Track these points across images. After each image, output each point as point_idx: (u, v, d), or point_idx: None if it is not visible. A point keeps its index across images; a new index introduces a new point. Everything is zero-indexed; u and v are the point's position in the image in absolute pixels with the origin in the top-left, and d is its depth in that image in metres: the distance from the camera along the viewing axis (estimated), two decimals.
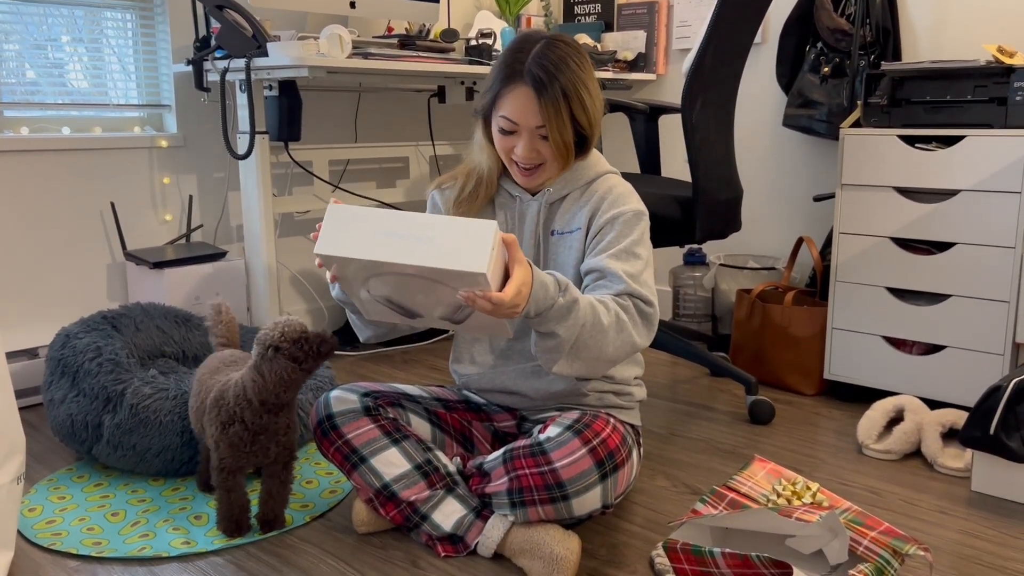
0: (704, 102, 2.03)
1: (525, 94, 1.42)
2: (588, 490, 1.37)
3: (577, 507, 1.38)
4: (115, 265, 2.47)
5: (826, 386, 2.34)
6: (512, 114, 1.44)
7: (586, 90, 1.44)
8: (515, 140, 1.46)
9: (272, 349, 1.41)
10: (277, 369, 1.41)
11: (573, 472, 1.36)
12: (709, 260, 2.93)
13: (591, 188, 1.53)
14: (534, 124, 1.43)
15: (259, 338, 1.43)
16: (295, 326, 1.42)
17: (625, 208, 1.48)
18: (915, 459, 1.91)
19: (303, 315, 2.85)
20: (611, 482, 1.39)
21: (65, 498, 1.69)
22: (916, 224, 2.09)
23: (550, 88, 1.41)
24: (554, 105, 1.41)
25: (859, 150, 2.15)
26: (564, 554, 1.36)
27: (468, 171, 1.59)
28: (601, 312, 1.33)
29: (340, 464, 1.51)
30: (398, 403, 1.58)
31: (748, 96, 2.88)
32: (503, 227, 1.58)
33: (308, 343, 1.41)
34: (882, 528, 1.28)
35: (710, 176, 2.06)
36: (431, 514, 1.48)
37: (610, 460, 1.38)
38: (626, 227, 1.47)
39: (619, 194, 1.51)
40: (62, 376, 1.84)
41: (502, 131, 1.47)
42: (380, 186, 3.03)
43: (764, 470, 1.46)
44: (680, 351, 2.27)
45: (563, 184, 1.54)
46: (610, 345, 1.35)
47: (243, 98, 2.29)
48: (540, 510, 1.39)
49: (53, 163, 2.32)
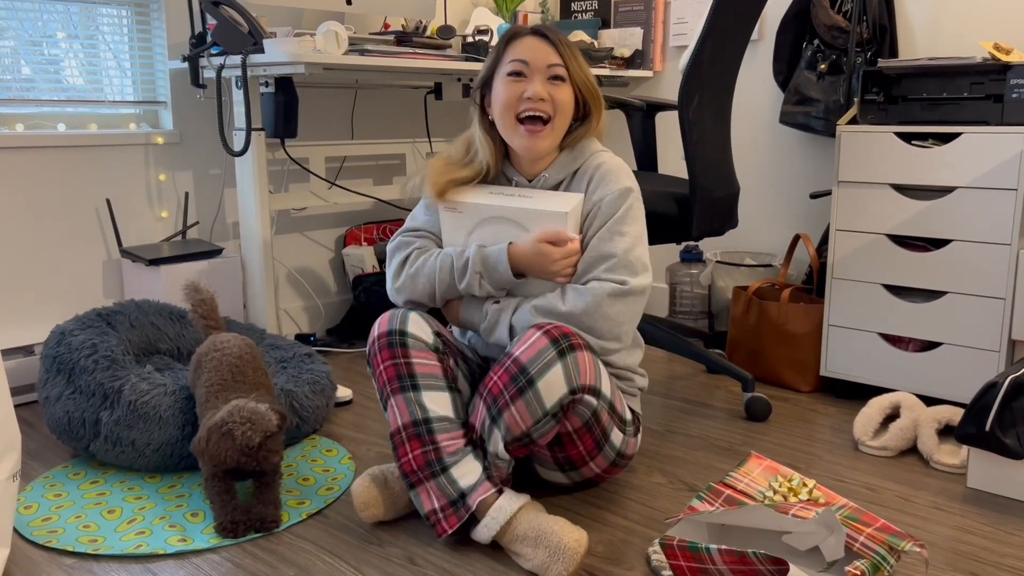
0: (701, 99, 2.03)
1: (535, 39, 1.52)
2: (548, 368, 1.38)
3: (544, 390, 1.38)
4: (111, 262, 2.46)
5: (822, 383, 2.34)
6: (524, 55, 1.51)
7: (581, 54, 1.55)
8: (524, 83, 1.51)
9: (227, 430, 1.48)
10: (220, 447, 1.48)
11: (530, 353, 1.39)
12: (706, 257, 2.93)
13: (583, 168, 1.59)
14: (546, 63, 1.50)
15: (223, 415, 1.49)
16: (257, 435, 1.47)
17: (613, 187, 1.53)
18: (911, 456, 1.91)
19: (299, 312, 2.85)
20: (571, 361, 1.40)
21: (61, 495, 1.68)
22: (912, 221, 2.09)
23: (552, 35, 1.51)
24: (567, 48, 1.51)
25: (856, 147, 2.15)
26: (572, 545, 1.34)
27: (467, 139, 1.64)
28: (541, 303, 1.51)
29: (388, 381, 1.49)
30: (457, 358, 1.58)
31: (745, 93, 2.88)
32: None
33: (258, 454, 1.49)
34: (878, 524, 1.29)
35: (707, 173, 2.06)
36: (451, 467, 1.45)
37: (565, 339, 1.41)
38: (609, 210, 1.53)
39: (607, 171, 1.55)
40: (58, 373, 1.83)
41: (511, 77, 1.52)
42: (377, 183, 3.03)
43: (760, 467, 1.46)
44: (677, 348, 2.27)
45: (559, 168, 1.59)
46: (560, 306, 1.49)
47: (239, 95, 2.29)
48: (515, 411, 1.40)
49: (48, 160, 2.31)
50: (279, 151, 2.64)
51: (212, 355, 1.72)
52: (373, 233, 2.98)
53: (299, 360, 2.08)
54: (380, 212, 3.07)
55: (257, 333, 2.25)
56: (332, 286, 2.97)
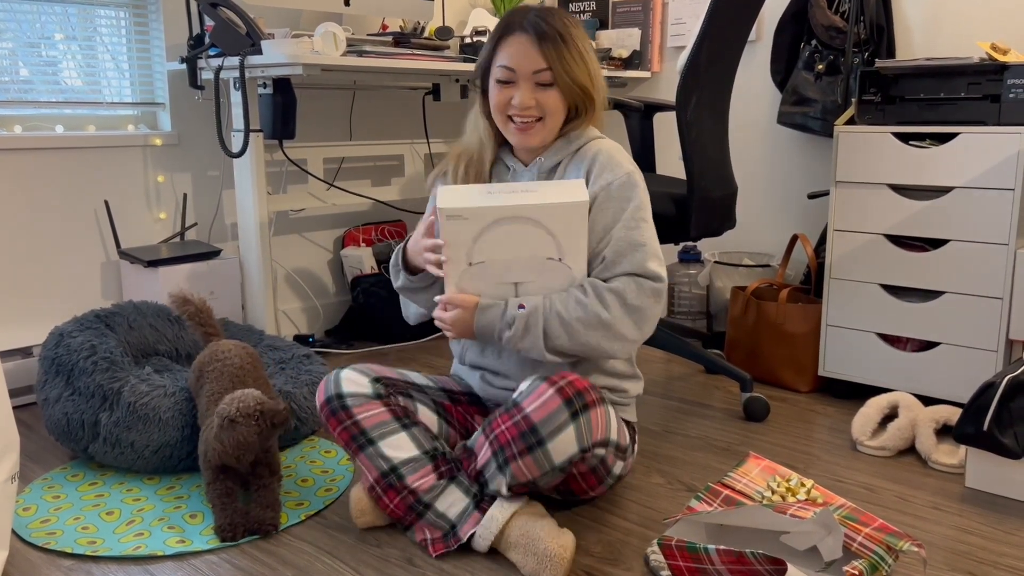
0: (699, 99, 2.03)
1: (523, 40, 1.47)
2: (561, 431, 1.35)
3: (554, 452, 1.36)
4: (109, 264, 2.46)
5: (821, 383, 2.35)
6: (510, 61, 1.48)
7: (585, 47, 1.50)
8: (512, 90, 1.49)
9: (228, 421, 1.50)
10: (236, 436, 1.50)
11: (543, 413, 1.35)
12: (704, 257, 2.94)
13: (581, 152, 1.56)
14: (531, 69, 1.47)
15: (218, 411, 1.53)
16: (249, 401, 1.51)
17: (618, 172, 1.51)
18: (909, 455, 1.92)
19: (298, 314, 2.85)
20: (584, 422, 1.37)
21: (60, 497, 1.68)
22: (910, 221, 2.09)
23: (549, 32, 1.46)
24: (555, 47, 1.46)
25: (853, 147, 2.15)
26: (557, 551, 1.35)
27: (457, 155, 1.63)
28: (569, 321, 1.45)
29: (347, 444, 1.51)
30: (407, 393, 1.58)
31: (743, 93, 2.88)
32: None
33: (263, 416, 1.51)
34: (876, 524, 1.29)
35: (705, 173, 2.06)
36: (434, 503, 1.47)
37: (579, 398, 1.37)
38: (623, 192, 1.50)
39: (609, 155, 1.53)
40: (56, 375, 1.83)
41: (499, 82, 1.50)
42: (375, 184, 3.03)
43: (759, 467, 1.46)
44: (675, 348, 2.27)
45: (554, 152, 1.57)
46: (588, 337, 1.44)
47: (237, 96, 2.29)
48: (522, 464, 1.37)
49: (47, 161, 2.31)
50: (277, 152, 2.64)
51: (214, 365, 1.73)
52: (372, 234, 2.98)
53: (298, 361, 2.08)
54: (378, 213, 3.07)
55: (255, 334, 2.25)
56: (331, 287, 2.97)
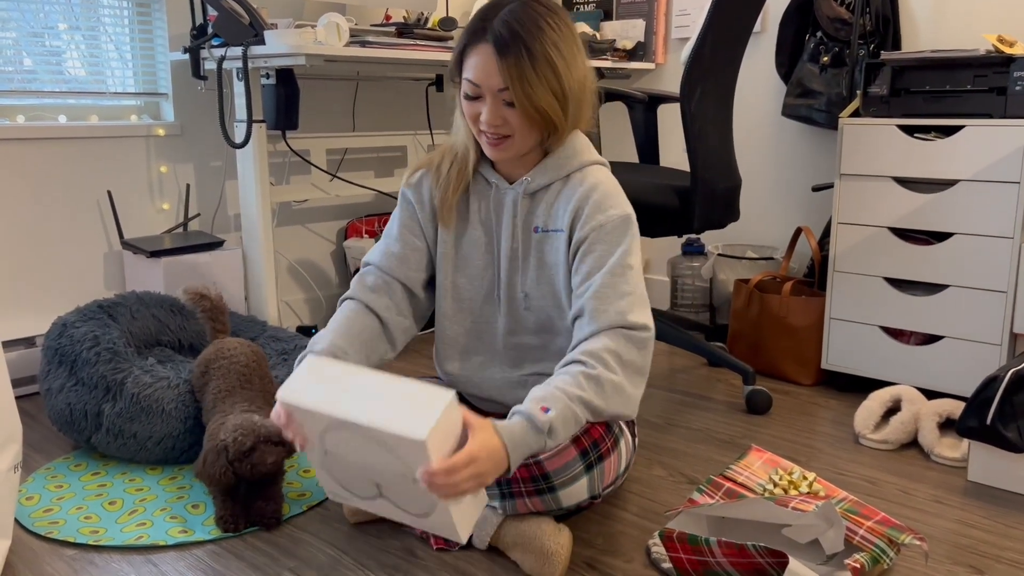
0: (703, 91, 2.02)
1: (486, 53, 1.32)
2: (574, 481, 1.36)
3: (564, 498, 1.37)
4: (112, 254, 2.46)
5: (823, 376, 2.34)
6: (474, 76, 1.34)
7: (558, 54, 1.32)
8: (480, 106, 1.36)
9: (221, 446, 1.48)
10: (216, 464, 1.48)
11: (558, 463, 1.34)
12: (707, 250, 2.93)
13: (573, 179, 1.44)
14: (496, 87, 1.33)
15: (216, 431, 1.51)
16: (249, 439, 1.47)
17: (612, 214, 1.39)
18: (912, 449, 1.91)
19: (301, 305, 2.85)
20: (597, 472, 1.38)
21: (63, 487, 1.69)
22: (915, 214, 2.09)
23: (512, 46, 1.29)
24: (517, 65, 1.29)
25: (858, 140, 2.14)
26: (555, 548, 1.34)
27: (443, 152, 1.52)
28: (590, 400, 1.29)
29: None
30: None
31: (747, 85, 2.87)
32: (479, 217, 1.52)
33: (253, 461, 1.47)
34: (878, 517, 1.29)
35: (709, 165, 2.06)
36: None
37: (594, 449, 1.37)
38: (614, 236, 1.39)
39: (604, 194, 1.41)
40: (59, 365, 1.83)
41: (466, 96, 1.37)
42: (378, 175, 3.03)
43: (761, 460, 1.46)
44: (678, 341, 2.26)
45: (543, 172, 1.45)
46: (610, 408, 1.32)
47: (240, 87, 2.28)
48: (528, 502, 1.38)
49: (50, 151, 2.31)
50: (280, 143, 2.64)
51: (220, 362, 1.72)
52: (375, 225, 2.98)
53: (300, 352, 2.08)
54: (381, 204, 3.06)
55: (258, 325, 2.25)
56: (333, 278, 2.97)
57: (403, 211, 1.57)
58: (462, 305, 1.55)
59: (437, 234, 1.55)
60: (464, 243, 1.53)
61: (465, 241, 1.53)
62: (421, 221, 1.55)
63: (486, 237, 1.52)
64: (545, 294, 1.48)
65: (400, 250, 1.54)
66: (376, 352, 1.49)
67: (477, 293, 1.54)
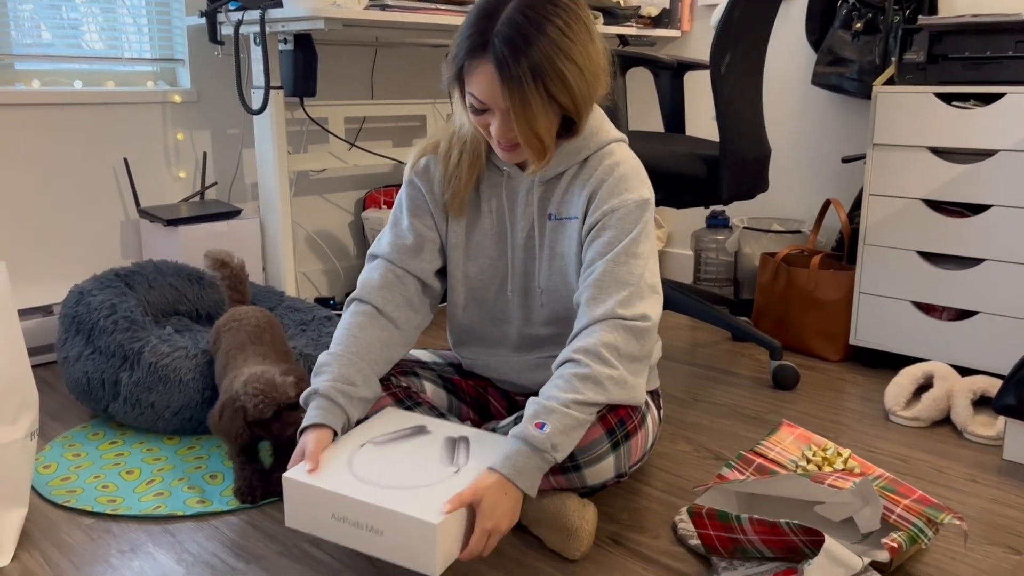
0: (733, 57, 1.96)
1: (488, 71, 1.21)
2: (600, 460, 1.32)
3: (590, 477, 1.33)
4: (128, 222, 2.44)
5: (851, 352, 2.29)
6: (480, 94, 1.24)
7: (570, 61, 1.20)
8: (489, 118, 1.27)
9: (240, 406, 1.42)
10: (232, 424, 1.43)
11: (583, 442, 1.29)
12: (732, 223, 2.87)
13: (590, 162, 1.37)
14: (501, 105, 1.24)
15: (238, 387, 1.44)
16: (269, 408, 1.41)
17: (626, 198, 1.32)
18: (944, 427, 1.87)
19: (319, 275, 2.82)
20: (624, 451, 1.34)
21: (80, 455, 1.67)
22: (950, 185, 2.02)
23: (514, 67, 1.18)
24: (520, 89, 1.19)
25: (893, 109, 2.07)
26: (580, 524, 1.31)
27: (451, 134, 1.42)
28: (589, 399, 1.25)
29: None
30: (412, 372, 1.53)
31: (776, 53, 2.79)
32: (491, 207, 1.44)
33: (273, 427, 1.43)
34: (915, 496, 1.24)
35: (738, 134, 2.00)
36: None
37: (621, 427, 1.33)
38: (625, 222, 1.32)
39: (620, 177, 1.34)
40: (76, 333, 1.81)
41: (473, 109, 1.28)
42: (396, 144, 2.98)
43: (792, 435, 1.42)
44: (702, 315, 2.21)
45: (559, 159, 1.36)
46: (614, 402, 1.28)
47: (258, 52, 2.24)
48: (552, 479, 1.34)
49: (65, 117, 2.28)
50: (298, 111, 2.60)
51: (230, 325, 1.70)
52: (393, 196, 2.94)
53: (318, 323, 2.05)
54: (400, 175, 3.02)
55: (276, 295, 2.22)
56: (351, 249, 2.94)
57: (411, 199, 1.48)
58: (474, 295, 1.49)
59: (447, 222, 1.48)
60: (475, 233, 1.47)
61: (476, 231, 1.46)
62: (431, 209, 1.47)
63: (499, 227, 1.45)
64: (558, 285, 1.42)
65: (412, 241, 1.45)
66: (388, 361, 1.42)
67: (490, 284, 1.48)
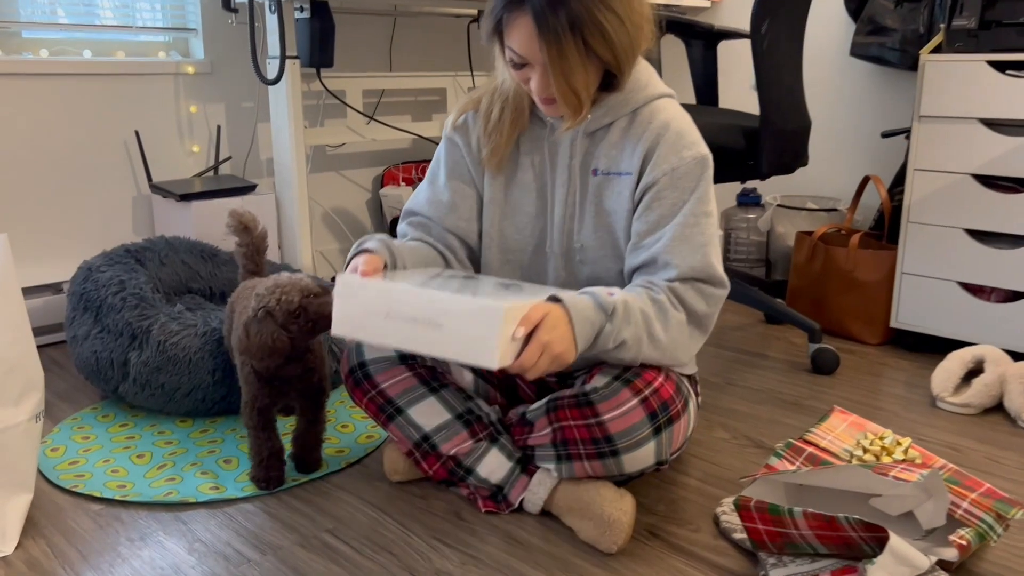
0: (772, 23, 1.85)
1: (526, 24, 1.18)
2: (640, 445, 1.23)
3: (628, 463, 1.24)
4: (140, 197, 2.36)
5: (891, 335, 2.19)
6: (517, 47, 1.21)
7: (610, 11, 1.16)
8: (528, 72, 1.24)
9: (263, 311, 1.30)
10: (263, 332, 1.30)
11: (623, 425, 1.21)
12: (764, 201, 2.76)
13: (641, 116, 1.30)
14: (539, 60, 1.21)
15: (257, 294, 1.33)
16: (294, 295, 1.30)
17: (686, 155, 1.27)
18: (996, 414, 1.77)
19: (336, 255, 2.74)
20: (666, 436, 1.25)
21: (89, 438, 1.60)
22: (1002, 159, 1.91)
23: (552, 19, 1.15)
24: (557, 43, 1.16)
25: (941, 78, 1.96)
26: (617, 515, 1.23)
27: (493, 90, 1.37)
28: (652, 321, 1.22)
29: (375, 416, 1.38)
30: None
31: (812, 24, 2.67)
32: (531, 160, 1.38)
33: (304, 316, 1.31)
34: (983, 489, 1.15)
35: (779, 103, 1.89)
36: (476, 467, 1.35)
37: (664, 412, 1.24)
38: (687, 181, 1.27)
39: (678, 133, 1.28)
40: (85, 311, 1.74)
41: (513, 63, 1.24)
42: (416, 119, 2.88)
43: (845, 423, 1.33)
44: (737, 295, 2.11)
45: (605, 110, 1.31)
46: (665, 340, 1.24)
47: (273, 20, 2.14)
48: (587, 465, 1.26)
49: (74, 88, 2.20)
50: (315, 83, 2.51)
51: (245, 294, 1.61)
52: (412, 173, 2.85)
53: None
54: (419, 151, 2.92)
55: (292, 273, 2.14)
56: (369, 228, 2.85)
57: (450, 156, 1.42)
58: (509, 256, 1.42)
59: (485, 179, 1.41)
60: (514, 188, 1.40)
61: (515, 186, 1.40)
62: (471, 166, 1.42)
63: (538, 182, 1.38)
64: (603, 243, 1.35)
65: (450, 198, 1.41)
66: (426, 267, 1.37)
67: (527, 244, 1.40)
